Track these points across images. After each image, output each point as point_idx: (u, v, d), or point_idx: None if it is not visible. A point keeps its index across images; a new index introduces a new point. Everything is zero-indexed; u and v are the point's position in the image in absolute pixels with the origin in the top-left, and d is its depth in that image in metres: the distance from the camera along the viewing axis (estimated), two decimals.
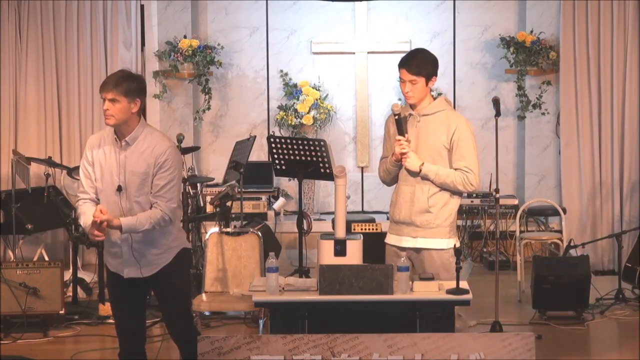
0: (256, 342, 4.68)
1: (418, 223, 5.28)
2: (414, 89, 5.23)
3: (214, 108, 9.70)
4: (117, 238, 4.91)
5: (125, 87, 4.83)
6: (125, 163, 4.88)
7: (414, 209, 5.27)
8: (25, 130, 9.21)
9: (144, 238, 4.91)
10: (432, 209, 5.25)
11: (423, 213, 5.26)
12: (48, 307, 7.00)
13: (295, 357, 4.65)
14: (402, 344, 4.66)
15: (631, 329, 6.98)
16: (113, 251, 4.98)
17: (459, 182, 5.21)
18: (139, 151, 4.88)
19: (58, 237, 9.10)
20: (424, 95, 5.27)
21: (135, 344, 5.11)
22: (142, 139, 4.90)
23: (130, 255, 4.91)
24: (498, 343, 4.68)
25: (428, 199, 5.25)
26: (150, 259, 4.95)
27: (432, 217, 5.26)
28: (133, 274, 4.95)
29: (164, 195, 4.86)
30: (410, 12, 9.78)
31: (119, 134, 4.91)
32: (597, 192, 9.06)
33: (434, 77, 5.27)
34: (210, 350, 4.67)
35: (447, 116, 5.26)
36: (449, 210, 5.30)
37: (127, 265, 4.96)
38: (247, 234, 6.81)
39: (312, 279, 5.52)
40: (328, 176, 7.01)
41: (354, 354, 4.65)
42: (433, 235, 5.28)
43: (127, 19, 9.26)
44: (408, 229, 5.33)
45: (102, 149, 4.94)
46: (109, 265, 5.07)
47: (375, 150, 9.83)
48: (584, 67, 9.04)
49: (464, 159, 5.21)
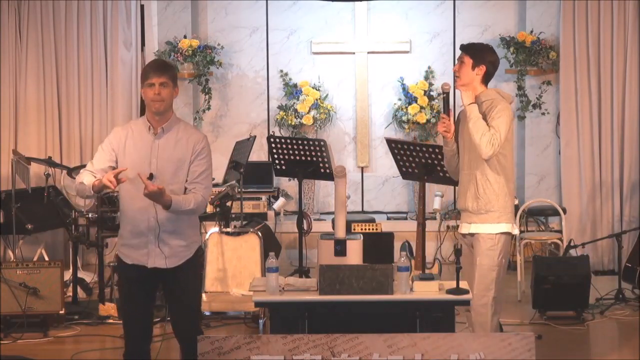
0: (256, 342, 4.68)
1: (470, 209, 5.37)
2: (460, 68, 5.37)
3: (214, 108, 9.70)
4: (144, 228, 4.89)
5: (171, 72, 4.96)
6: (159, 151, 4.90)
7: (468, 195, 5.38)
8: (25, 130, 9.21)
9: (173, 228, 4.92)
10: (481, 194, 5.33)
11: (474, 199, 5.35)
12: (48, 307, 7.00)
13: (295, 357, 4.65)
14: (402, 344, 4.66)
15: (631, 329, 6.99)
16: (136, 242, 4.94)
17: (488, 138, 5.21)
18: (175, 139, 4.93)
19: (58, 237, 9.10)
20: (470, 79, 5.37)
21: (142, 343, 5.09)
22: (176, 128, 4.96)
23: (156, 245, 4.90)
24: (498, 343, 4.67)
25: (477, 186, 5.33)
26: (176, 250, 4.95)
27: (482, 203, 5.34)
28: (158, 263, 4.93)
29: (202, 182, 4.92)
30: (410, 12, 9.78)
31: (153, 122, 4.92)
32: (597, 192, 9.06)
33: (484, 66, 5.34)
34: (210, 350, 4.67)
35: (492, 102, 5.33)
36: (496, 194, 5.32)
37: (152, 255, 4.93)
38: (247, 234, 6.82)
39: (312, 279, 5.52)
40: (328, 176, 7.02)
41: (354, 354, 4.65)
42: (483, 221, 5.35)
43: (127, 19, 9.26)
44: (464, 215, 5.44)
45: (131, 138, 4.94)
46: (126, 259, 4.99)
47: (375, 150, 9.83)
48: (584, 67, 9.04)
49: (494, 120, 5.23)
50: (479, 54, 5.36)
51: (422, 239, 6.07)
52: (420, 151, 6.07)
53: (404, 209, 9.85)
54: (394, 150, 6.22)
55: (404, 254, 5.23)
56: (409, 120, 9.45)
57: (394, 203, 9.90)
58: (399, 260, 5.18)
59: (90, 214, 7.73)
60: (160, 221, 4.87)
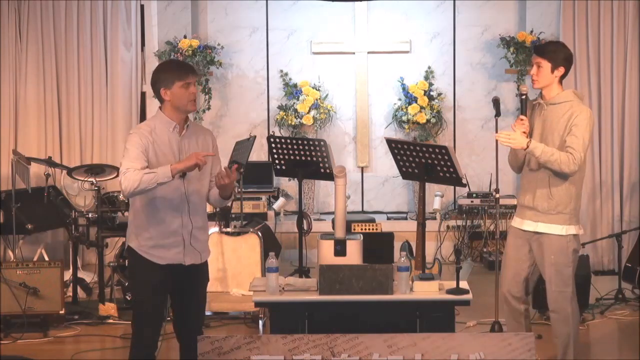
0: (256, 342, 4.68)
1: (539, 208, 5.42)
2: (538, 72, 5.40)
3: (214, 108, 9.70)
4: (178, 226, 4.86)
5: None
6: (187, 148, 4.92)
7: (536, 194, 5.42)
8: (25, 130, 9.21)
9: (202, 224, 4.97)
10: (554, 196, 5.38)
11: (545, 199, 5.40)
12: (48, 307, 7.00)
13: (295, 357, 4.65)
14: (402, 344, 4.66)
15: (631, 329, 6.98)
16: (169, 242, 4.87)
17: (564, 161, 5.28)
18: (197, 137, 4.99)
19: (58, 237, 9.10)
20: (549, 82, 5.42)
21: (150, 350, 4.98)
22: (194, 126, 5.04)
23: (189, 242, 4.89)
24: (498, 343, 4.68)
25: (550, 186, 5.38)
26: (204, 245, 5.02)
27: (553, 204, 5.39)
28: (193, 260, 4.93)
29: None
30: (410, 12, 9.78)
31: (180, 120, 4.92)
32: (597, 192, 9.06)
33: (562, 67, 5.40)
34: (210, 350, 4.67)
35: (571, 106, 5.38)
36: (569, 196, 5.41)
37: (188, 253, 4.91)
38: (247, 234, 6.82)
39: (312, 279, 5.52)
40: (328, 176, 7.01)
41: (354, 354, 4.65)
42: (553, 222, 5.41)
43: (127, 19, 9.26)
44: (530, 212, 5.47)
45: (157, 138, 4.88)
46: (160, 260, 4.87)
47: (375, 150, 9.83)
48: (584, 67, 9.04)
49: (573, 136, 5.30)
50: (556, 55, 5.42)
51: (422, 239, 6.07)
52: (420, 151, 6.07)
53: (404, 209, 9.85)
54: (394, 150, 6.23)
55: (404, 254, 5.23)
56: (409, 120, 9.45)
57: (394, 203, 9.90)
58: (399, 260, 5.19)
59: (90, 214, 7.73)
60: (192, 218, 4.89)
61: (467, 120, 9.79)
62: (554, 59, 5.40)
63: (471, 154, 9.71)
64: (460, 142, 9.76)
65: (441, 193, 9.41)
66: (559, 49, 5.48)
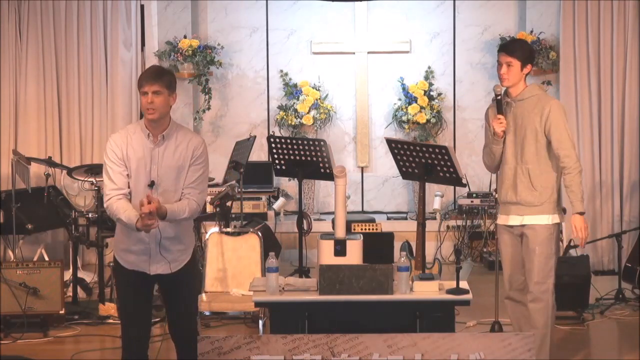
0: (256, 342, 4.68)
1: (523, 202, 5.51)
2: (509, 71, 5.50)
3: (214, 108, 9.70)
4: (145, 235, 4.84)
5: (166, 79, 4.83)
6: (160, 158, 4.85)
7: (518, 189, 5.51)
8: (25, 130, 9.20)
9: (174, 234, 4.90)
10: (536, 188, 5.49)
11: (528, 192, 5.49)
12: (48, 307, 7.00)
13: (295, 357, 4.65)
14: (402, 344, 4.66)
15: (631, 329, 6.98)
16: (137, 249, 4.90)
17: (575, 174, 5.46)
18: (174, 145, 4.87)
19: (58, 237, 9.10)
20: (518, 79, 5.54)
21: (140, 349, 5.03)
22: (175, 134, 4.90)
23: (158, 251, 4.87)
24: (498, 343, 4.68)
25: (531, 178, 5.49)
26: (176, 255, 4.94)
27: (537, 195, 5.49)
28: (161, 270, 4.91)
29: (197, 186, 4.89)
30: (410, 12, 9.78)
31: (152, 129, 4.86)
32: (597, 192, 9.05)
33: (530, 65, 5.55)
34: (210, 350, 4.67)
35: (539, 99, 5.54)
36: (551, 185, 5.53)
37: (154, 262, 4.90)
38: (247, 234, 6.81)
39: (312, 279, 5.52)
40: (328, 176, 7.02)
41: (354, 354, 4.65)
42: (538, 212, 5.50)
43: (127, 19, 9.25)
44: (515, 207, 5.55)
45: (131, 146, 4.86)
46: (126, 265, 4.94)
47: (375, 150, 9.83)
48: (584, 67, 9.03)
49: (560, 143, 5.45)
50: (524, 53, 5.53)
51: (422, 239, 6.08)
52: (420, 151, 6.08)
53: (404, 209, 9.85)
54: (394, 150, 6.23)
55: (404, 254, 5.24)
56: (409, 120, 9.45)
57: (394, 203, 9.90)
58: (399, 260, 5.19)
59: (90, 214, 7.73)
60: (161, 228, 4.83)
61: (467, 120, 9.79)
62: (522, 57, 5.51)
63: (471, 154, 9.70)
64: (460, 142, 9.76)
65: (441, 193, 9.41)
66: (526, 46, 5.64)
